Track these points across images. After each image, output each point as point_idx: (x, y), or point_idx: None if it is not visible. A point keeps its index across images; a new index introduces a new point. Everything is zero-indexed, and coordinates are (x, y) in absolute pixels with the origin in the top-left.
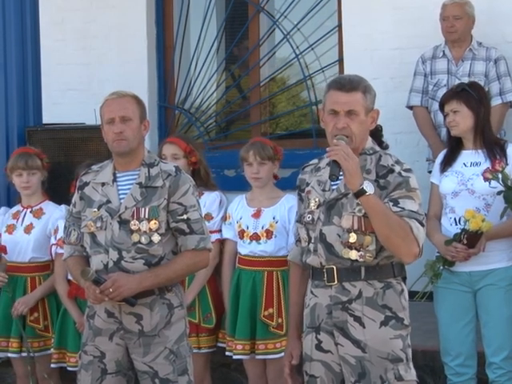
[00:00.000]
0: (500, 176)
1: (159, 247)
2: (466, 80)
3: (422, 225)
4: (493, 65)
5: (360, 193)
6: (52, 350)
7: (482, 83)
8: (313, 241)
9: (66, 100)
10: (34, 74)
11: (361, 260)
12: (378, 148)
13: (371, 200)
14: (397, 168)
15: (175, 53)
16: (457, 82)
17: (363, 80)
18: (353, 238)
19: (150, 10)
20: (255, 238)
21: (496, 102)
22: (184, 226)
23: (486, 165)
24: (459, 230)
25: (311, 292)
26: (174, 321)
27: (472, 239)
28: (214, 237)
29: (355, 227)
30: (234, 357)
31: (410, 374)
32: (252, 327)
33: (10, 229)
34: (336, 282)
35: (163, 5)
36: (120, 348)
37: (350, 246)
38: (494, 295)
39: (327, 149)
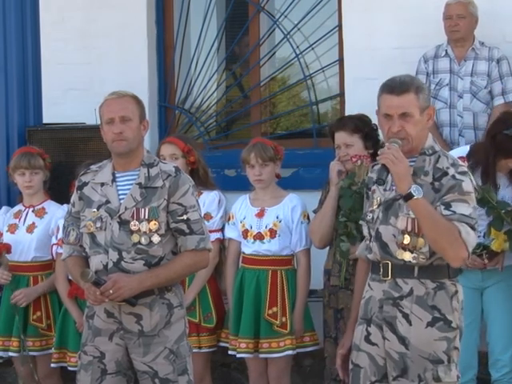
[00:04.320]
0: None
1: (159, 248)
2: (468, 79)
3: (474, 229)
4: (495, 65)
5: (408, 197)
6: (53, 349)
7: (484, 83)
8: (371, 239)
9: (67, 100)
10: (34, 74)
11: (414, 261)
12: (437, 147)
13: (419, 204)
14: (451, 171)
15: (175, 52)
16: (459, 81)
17: (415, 80)
18: (407, 239)
19: (151, 10)
20: (259, 237)
21: (498, 101)
22: (184, 227)
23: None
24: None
25: (368, 285)
26: (173, 321)
27: (492, 255)
28: (214, 236)
29: (409, 229)
30: (238, 355)
31: (449, 376)
32: (256, 326)
33: (12, 228)
34: (390, 277)
35: (163, 4)
36: (120, 348)
37: (404, 248)
38: (503, 291)
39: (378, 152)
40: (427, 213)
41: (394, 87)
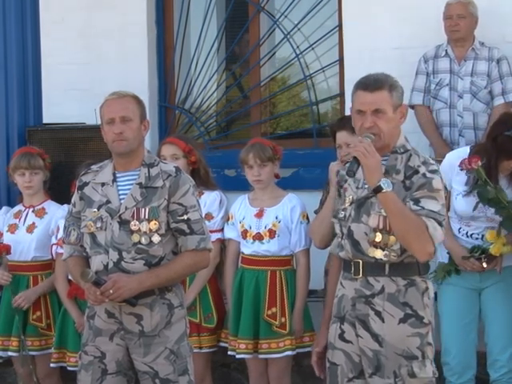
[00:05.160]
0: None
1: (159, 248)
2: (468, 79)
3: (441, 225)
4: (495, 65)
5: (377, 189)
6: (52, 349)
7: (484, 83)
8: (343, 237)
9: (66, 100)
10: (34, 74)
11: (385, 259)
12: (409, 146)
13: (388, 198)
14: (422, 169)
15: (175, 53)
16: (459, 81)
17: (389, 78)
18: (378, 237)
19: (151, 10)
20: (258, 237)
21: (498, 101)
22: (184, 227)
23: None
24: (473, 241)
25: (341, 283)
26: (174, 321)
27: (491, 259)
28: (215, 236)
29: (380, 226)
30: (237, 356)
31: (424, 372)
32: (255, 326)
33: (12, 228)
34: (361, 275)
35: (163, 5)
36: (120, 348)
37: (376, 245)
38: (502, 292)
39: (350, 145)
40: (395, 207)
41: (368, 84)
